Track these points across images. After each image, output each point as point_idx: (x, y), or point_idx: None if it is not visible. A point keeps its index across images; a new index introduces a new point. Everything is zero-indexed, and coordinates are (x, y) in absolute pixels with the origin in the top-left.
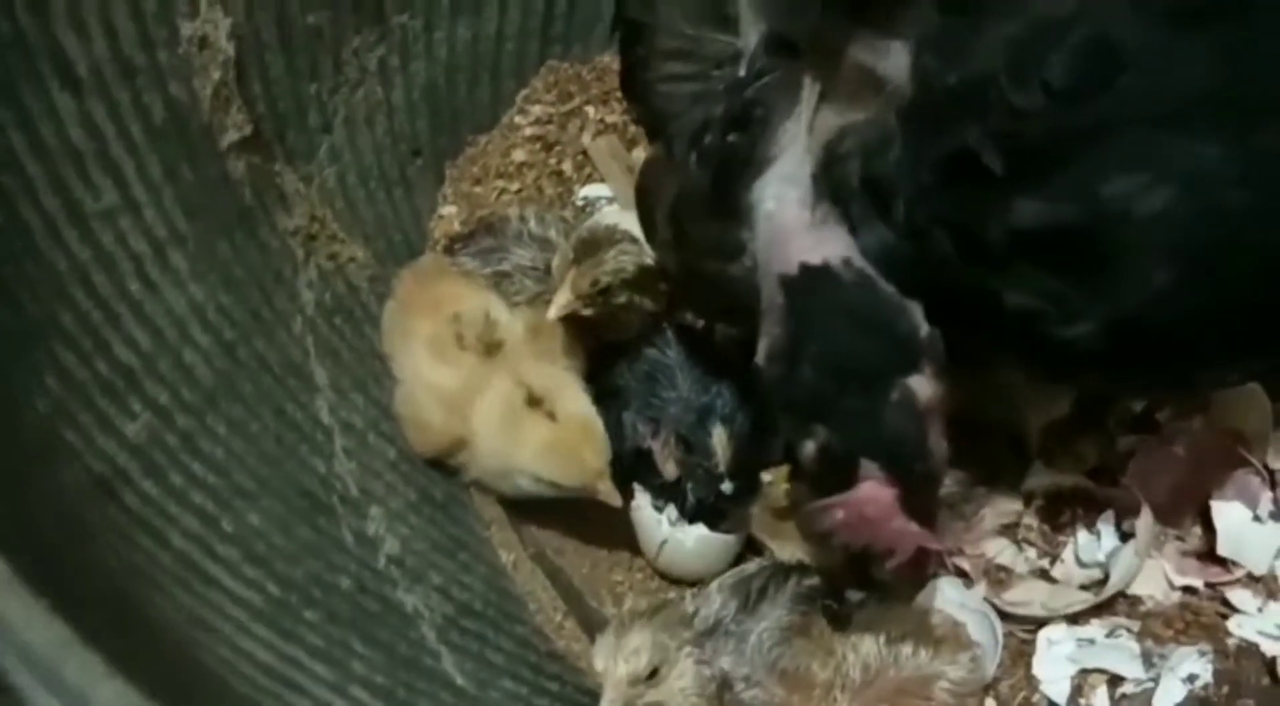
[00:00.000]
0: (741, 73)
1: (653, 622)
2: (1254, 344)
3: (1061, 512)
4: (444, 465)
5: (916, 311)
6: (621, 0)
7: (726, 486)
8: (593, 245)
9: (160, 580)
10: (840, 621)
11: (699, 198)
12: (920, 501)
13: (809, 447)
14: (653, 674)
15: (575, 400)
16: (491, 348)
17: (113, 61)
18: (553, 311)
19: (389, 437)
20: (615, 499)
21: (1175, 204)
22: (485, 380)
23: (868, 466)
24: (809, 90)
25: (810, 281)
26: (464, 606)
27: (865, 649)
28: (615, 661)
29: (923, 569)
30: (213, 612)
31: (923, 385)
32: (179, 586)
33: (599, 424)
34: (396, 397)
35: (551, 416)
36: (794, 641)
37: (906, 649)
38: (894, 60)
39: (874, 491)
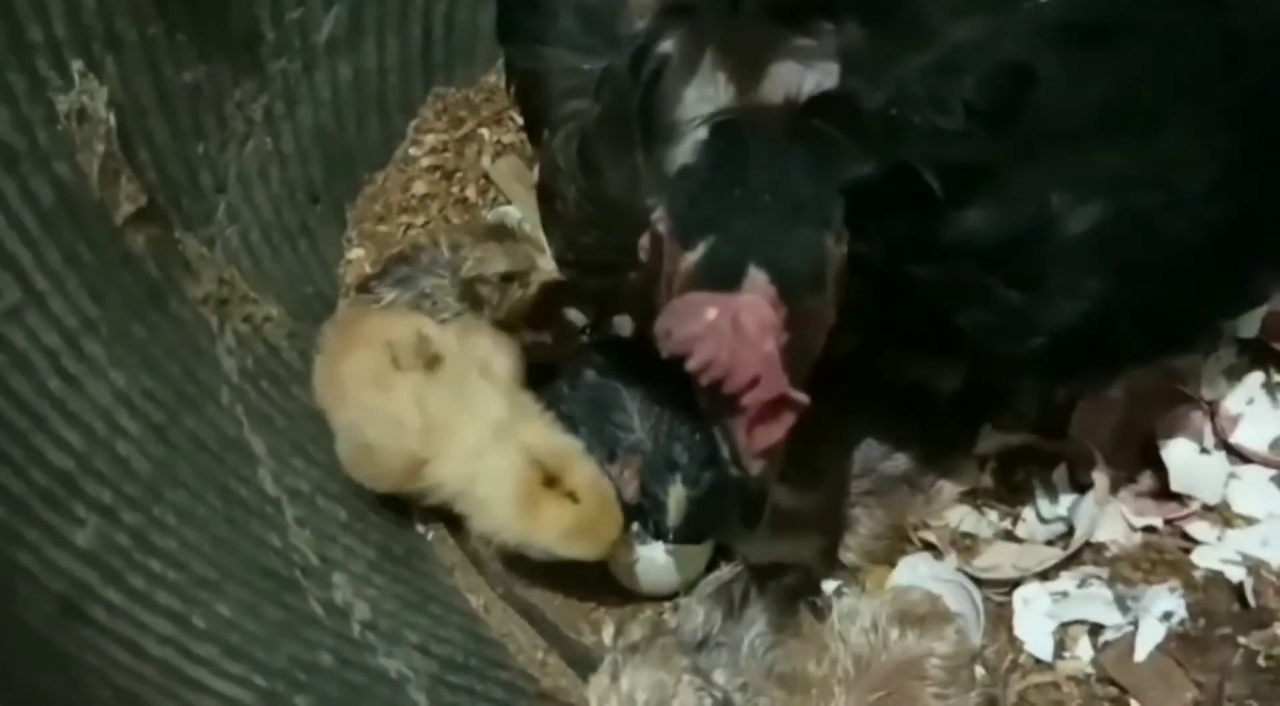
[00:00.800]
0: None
1: (648, 658)
2: (1176, 336)
3: (1016, 472)
4: (401, 500)
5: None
6: (508, 54)
7: (669, 540)
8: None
9: (148, 695)
10: (824, 615)
11: (614, 126)
12: (797, 345)
13: (692, 256)
14: None
15: (587, 470)
16: (431, 362)
17: None
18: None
19: (337, 498)
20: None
21: (1102, 214)
22: (431, 396)
23: (756, 279)
24: (712, 61)
25: (746, 120)
26: (446, 661)
27: (853, 639)
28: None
29: (779, 429)
30: None
31: (830, 244)
32: (168, 698)
33: (613, 491)
34: (341, 444)
35: (572, 496)
36: (786, 643)
37: (894, 632)
38: (818, 75)
39: (757, 303)
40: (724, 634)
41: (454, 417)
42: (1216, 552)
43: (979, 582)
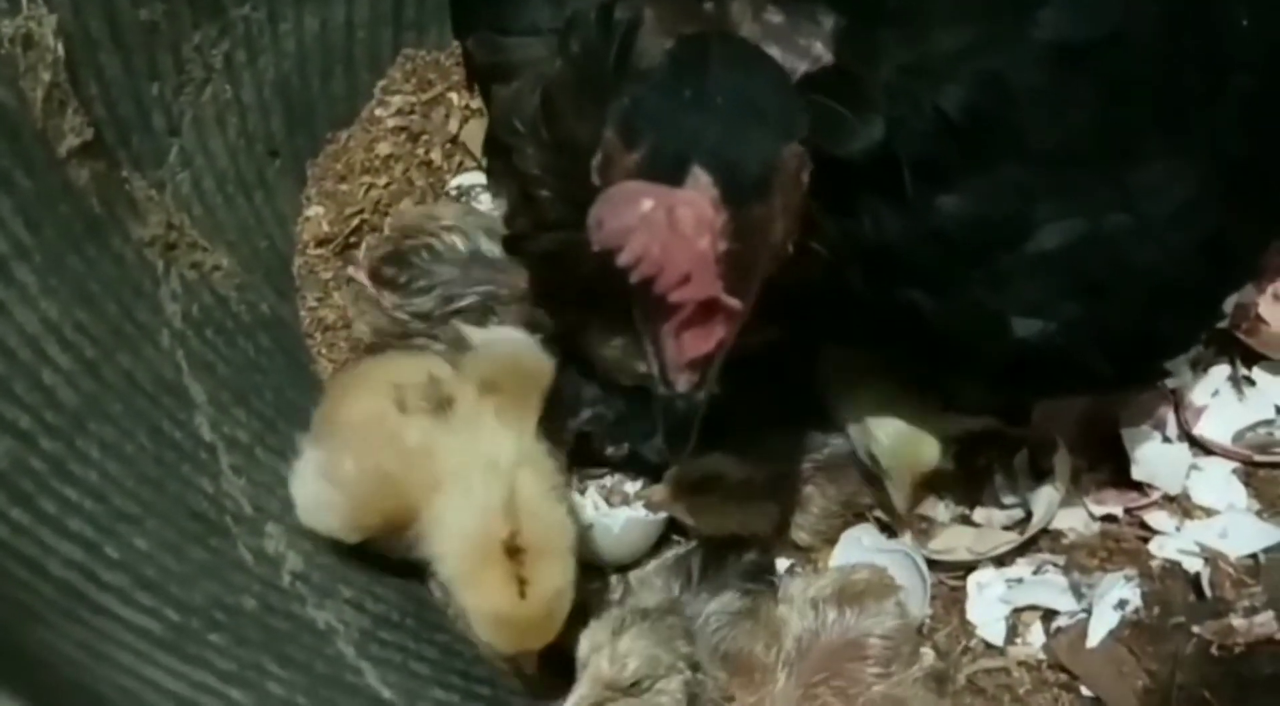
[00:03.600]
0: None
1: (656, 629)
2: (1142, 366)
3: (977, 457)
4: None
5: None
6: (466, 49)
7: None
8: None
9: (42, 611)
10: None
11: (583, 79)
12: (737, 255)
13: (635, 154)
14: (635, 683)
15: (554, 574)
16: (443, 404)
17: None
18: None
19: (278, 452)
20: (531, 665)
21: (1076, 232)
22: (441, 441)
23: (699, 177)
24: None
25: (715, 35)
26: (380, 618)
27: (795, 621)
28: (602, 659)
29: (710, 338)
30: (106, 641)
31: (787, 155)
32: (64, 617)
33: (565, 607)
34: (314, 488)
35: (522, 585)
36: (740, 623)
37: (831, 613)
38: (812, 59)
39: (696, 199)
40: (682, 607)
41: (464, 467)
42: (1175, 543)
43: (933, 564)
